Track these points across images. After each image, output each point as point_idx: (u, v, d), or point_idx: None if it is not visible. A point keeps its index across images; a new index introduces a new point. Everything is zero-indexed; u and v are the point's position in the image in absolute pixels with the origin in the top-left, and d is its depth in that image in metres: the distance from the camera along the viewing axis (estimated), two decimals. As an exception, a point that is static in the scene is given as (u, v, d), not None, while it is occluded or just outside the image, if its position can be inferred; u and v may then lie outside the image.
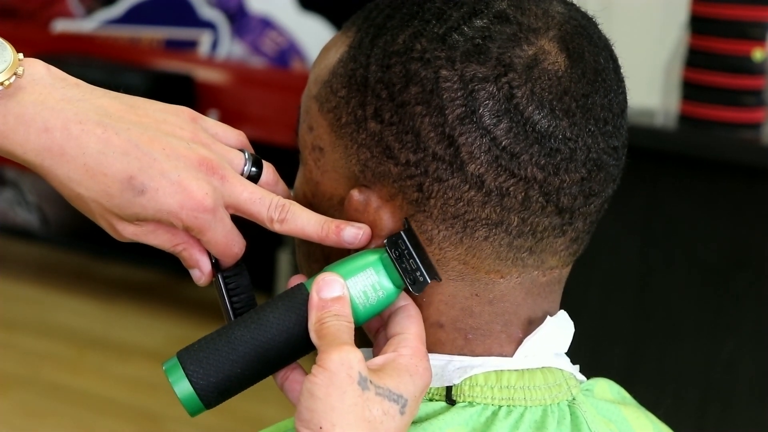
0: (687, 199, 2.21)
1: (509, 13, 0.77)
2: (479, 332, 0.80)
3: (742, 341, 2.18)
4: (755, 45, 2.19)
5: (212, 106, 4.32)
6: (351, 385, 0.70)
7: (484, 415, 0.78)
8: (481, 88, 0.75)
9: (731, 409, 2.21)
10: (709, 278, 2.21)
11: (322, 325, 0.73)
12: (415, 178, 0.76)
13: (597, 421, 0.82)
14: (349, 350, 0.71)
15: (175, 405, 0.89)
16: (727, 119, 2.20)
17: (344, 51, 0.81)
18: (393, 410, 0.71)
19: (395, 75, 0.77)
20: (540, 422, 0.79)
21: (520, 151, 0.75)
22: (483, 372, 0.79)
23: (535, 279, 0.80)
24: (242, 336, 0.76)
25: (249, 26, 4.44)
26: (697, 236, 2.21)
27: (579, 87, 0.77)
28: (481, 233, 0.77)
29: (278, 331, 0.75)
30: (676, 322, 2.25)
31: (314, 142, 0.82)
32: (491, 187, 0.76)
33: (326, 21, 4.28)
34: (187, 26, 4.56)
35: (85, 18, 4.71)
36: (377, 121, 0.77)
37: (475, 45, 0.76)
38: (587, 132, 0.77)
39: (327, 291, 0.75)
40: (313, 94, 0.83)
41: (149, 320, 4.15)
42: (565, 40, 0.78)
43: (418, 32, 0.77)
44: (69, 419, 3.40)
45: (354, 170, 0.79)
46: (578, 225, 0.80)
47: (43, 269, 4.63)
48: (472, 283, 0.79)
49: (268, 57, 4.41)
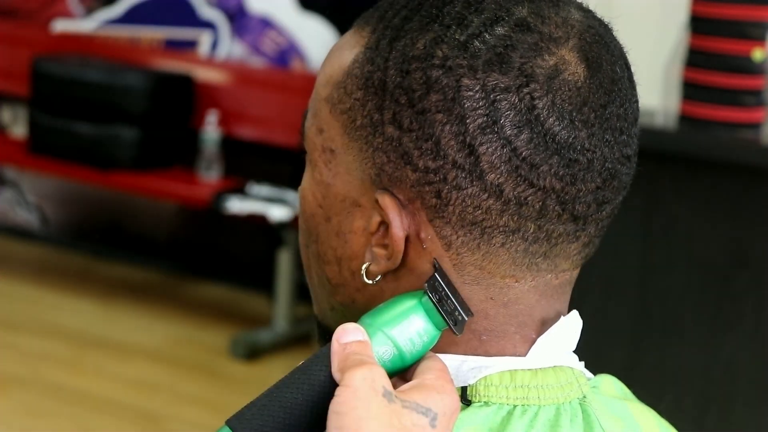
0: (687, 199, 2.21)
1: (530, 21, 0.78)
2: (493, 334, 0.80)
3: (742, 341, 2.18)
4: (755, 45, 2.20)
5: (212, 106, 4.32)
6: (376, 396, 0.70)
7: (500, 415, 0.79)
8: (503, 98, 0.76)
9: (731, 409, 2.21)
10: (709, 278, 2.21)
11: (341, 362, 0.73)
12: (434, 184, 0.77)
13: (607, 418, 0.83)
14: (371, 366, 0.71)
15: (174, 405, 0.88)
16: (727, 119, 2.20)
17: (359, 52, 0.80)
18: (423, 422, 0.70)
19: (415, 81, 0.77)
20: (554, 421, 0.80)
21: (540, 161, 0.76)
22: (497, 372, 0.79)
23: (549, 282, 0.81)
24: (295, 399, 0.74)
25: (249, 26, 4.44)
26: (697, 236, 2.21)
27: (597, 97, 0.78)
28: (498, 240, 0.78)
29: (310, 386, 0.74)
30: (676, 322, 2.25)
31: (325, 144, 0.82)
32: (510, 196, 0.76)
33: (326, 21, 4.28)
34: (187, 26, 4.56)
35: (85, 18, 4.71)
36: (395, 126, 0.77)
37: (497, 54, 0.76)
38: (604, 142, 0.78)
39: (346, 336, 0.74)
40: (323, 96, 0.82)
41: (149, 320, 4.15)
42: (584, 50, 0.78)
43: (438, 38, 0.77)
44: (69, 419, 3.40)
45: (369, 173, 0.79)
46: (590, 230, 0.80)
47: (43, 269, 4.63)
48: (487, 287, 0.79)
49: (267, 57, 4.41)
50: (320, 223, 0.82)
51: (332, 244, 0.82)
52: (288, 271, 3.99)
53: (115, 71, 4.36)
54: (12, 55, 4.69)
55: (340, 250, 0.81)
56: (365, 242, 0.80)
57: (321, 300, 0.85)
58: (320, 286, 0.84)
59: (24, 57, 4.50)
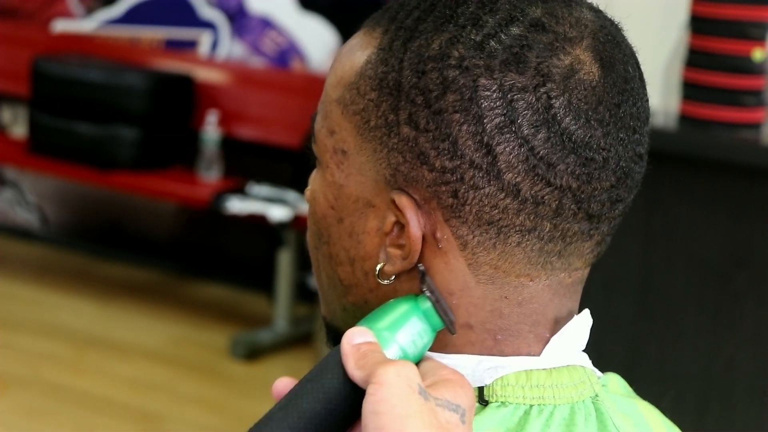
0: (687, 199, 2.21)
1: (544, 21, 0.78)
2: (508, 333, 0.80)
3: (742, 341, 2.18)
4: (755, 45, 2.20)
5: (212, 106, 4.32)
6: (413, 394, 0.69)
7: (517, 415, 0.79)
8: (520, 97, 0.76)
9: (731, 409, 2.21)
10: (709, 278, 2.21)
11: (359, 360, 0.73)
12: (451, 184, 0.77)
13: (619, 416, 0.84)
14: (404, 363, 0.71)
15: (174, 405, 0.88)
16: (727, 119, 2.20)
17: (371, 53, 0.80)
18: (455, 419, 0.71)
19: (431, 81, 0.77)
20: (569, 420, 0.80)
21: (557, 160, 0.77)
22: (514, 372, 0.80)
23: (562, 281, 0.81)
24: (314, 409, 0.73)
25: (249, 26, 4.44)
26: (697, 236, 2.21)
27: (611, 96, 0.79)
28: (515, 239, 0.78)
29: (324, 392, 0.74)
30: (676, 322, 2.25)
31: (336, 145, 0.82)
32: (527, 195, 0.77)
33: (326, 21, 4.27)
34: (187, 26, 4.56)
35: (85, 18, 4.71)
36: (411, 126, 0.78)
37: (514, 54, 0.77)
38: (618, 141, 0.79)
39: (356, 339, 0.74)
40: (334, 98, 0.82)
41: (149, 320, 4.15)
42: (598, 50, 0.79)
43: (454, 38, 0.77)
44: (69, 419, 3.40)
45: (384, 174, 0.79)
46: (603, 229, 0.81)
47: (43, 269, 4.63)
48: (501, 286, 0.80)
49: (267, 57, 4.41)
50: (332, 225, 0.82)
51: (345, 245, 0.82)
52: (288, 271, 3.99)
53: (116, 71, 4.36)
54: (12, 55, 4.70)
55: (353, 251, 0.81)
56: (379, 243, 0.80)
57: (331, 301, 0.85)
58: (331, 287, 0.84)
59: (24, 57, 4.50)
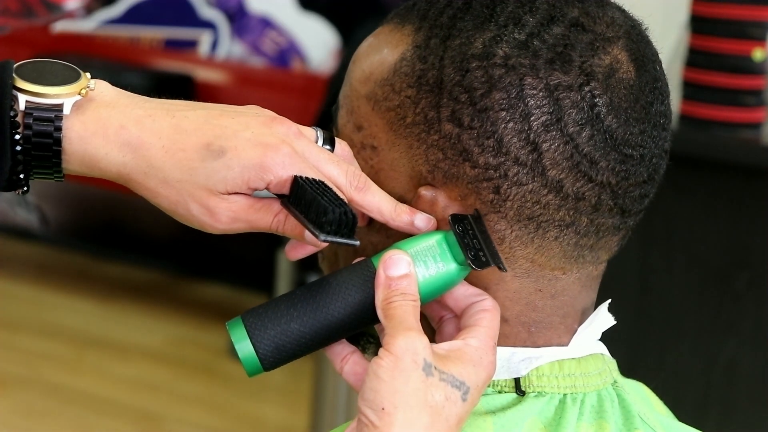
0: (687, 199, 2.21)
1: (583, 21, 0.80)
2: (541, 325, 0.83)
3: (742, 341, 2.18)
4: (755, 45, 2.20)
5: (212, 106, 4.31)
6: (416, 370, 0.72)
7: (552, 404, 0.82)
8: (565, 96, 0.78)
9: (731, 409, 2.21)
10: (709, 278, 2.21)
11: (389, 304, 0.75)
12: (493, 180, 0.78)
13: (636, 400, 0.87)
14: (415, 336, 0.73)
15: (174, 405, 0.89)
16: (727, 119, 2.20)
17: (406, 50, 0.81)
18: (455, 396, 0.73)
19: (476, 79, 0.78)
20: (598, 407, 0.83)
21: (599, 158, 0.79)
22: (547, 362, 0.82)
23: (590, 273, 0.84)
24: (307, 304, 0.78)
25: (249, 26, 4.44)
26: (697, 236, 2.21)
27: (645, 95, 0.81)
28: (553, 234, 0.80)
29: (343, 303, 0.77)
30: (676, 322, 2.25)
31: (365, 140, 0.83)
32: (569, 191, 0.79)
33: (326, 21, 4.27)
34: (187, 26, 4.56)
35: (85, 18, 4.72)
36: (454, 123, 0.79)
37: (558, 53, 0.78)
38: (651, 138, 0.82)
39: (394, 269, 0.77)
40: (363, 93, 0.83)
41: (149, 320, 4.15)
42: (632, 49, 0.81)
43: (497, 37, 0.78)
44: (69, 419, 3.40)
45: (420, 170, 0.80)
46: (630, 223, 0.84)
47: (43, 269, 4.63)
48: (536, 280, 0.81)
49: (268, 57, 4.41)
50: None
51: (372, 239, 0.83)
52: (288, 271, 3.99)
53: (115, 71, 4.36)
54: (12, 55, 4.69)
55: (381, 246, 0.83)
56: None
57: None
58: None
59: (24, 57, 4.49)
